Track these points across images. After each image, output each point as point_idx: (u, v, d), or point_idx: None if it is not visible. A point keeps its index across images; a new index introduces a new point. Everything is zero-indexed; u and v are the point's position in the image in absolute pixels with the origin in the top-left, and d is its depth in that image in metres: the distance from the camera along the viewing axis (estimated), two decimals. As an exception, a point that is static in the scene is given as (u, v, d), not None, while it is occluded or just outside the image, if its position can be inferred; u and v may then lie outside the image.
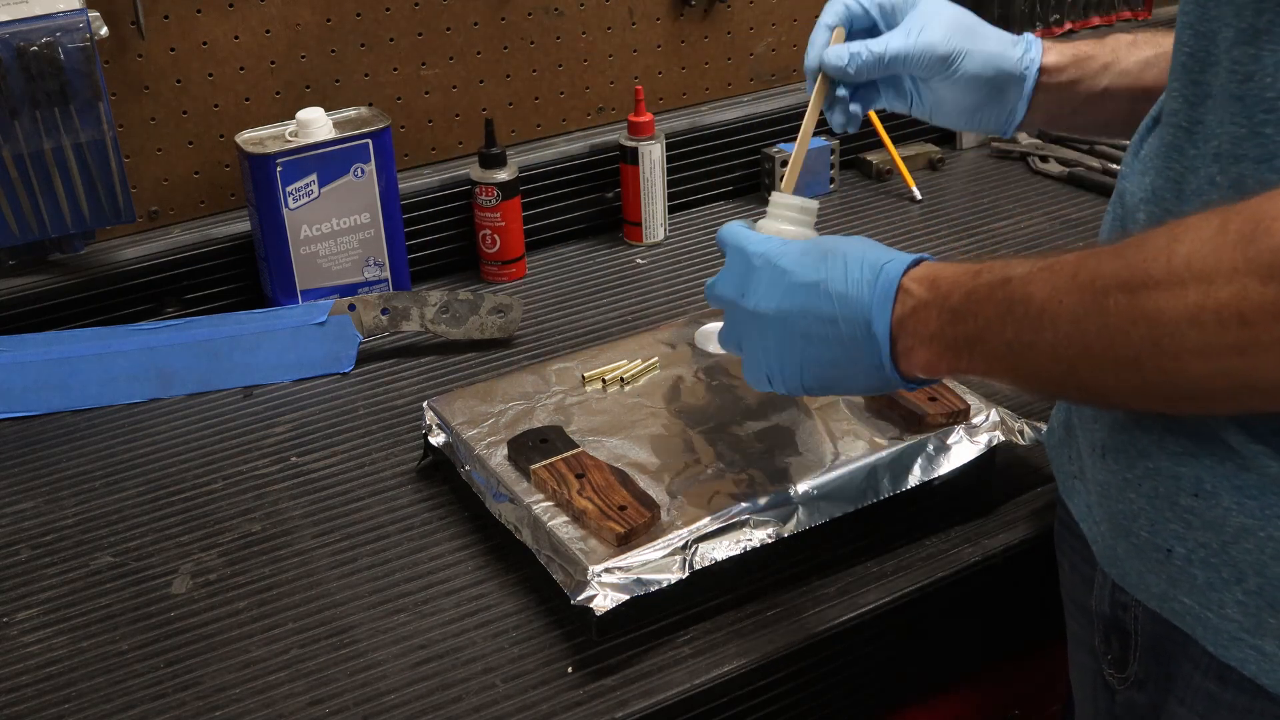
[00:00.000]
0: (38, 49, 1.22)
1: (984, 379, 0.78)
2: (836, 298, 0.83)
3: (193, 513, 1.12)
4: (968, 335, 0.76)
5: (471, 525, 1.08)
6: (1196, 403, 0.69)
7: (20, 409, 1.28)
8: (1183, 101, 0.72)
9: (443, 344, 1.36)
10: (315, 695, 0.92)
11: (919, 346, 0.79)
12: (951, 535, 1.05)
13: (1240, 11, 0.66)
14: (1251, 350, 0.62)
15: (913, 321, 0.80)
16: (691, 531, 0.95)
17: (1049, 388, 0.78)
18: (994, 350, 0.74)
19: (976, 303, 0.75)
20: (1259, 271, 0.60)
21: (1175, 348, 0.64)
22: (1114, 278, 0.66)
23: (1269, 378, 0.62)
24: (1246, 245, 0.61)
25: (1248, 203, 0.62)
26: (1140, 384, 0.68)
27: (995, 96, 1.02)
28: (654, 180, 1.54)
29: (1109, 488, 0.80)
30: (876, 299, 0.81)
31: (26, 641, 0.98)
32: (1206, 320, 0.62)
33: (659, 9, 1.62)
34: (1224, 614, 0.73)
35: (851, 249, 0.85)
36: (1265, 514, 0.70)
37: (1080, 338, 0.68)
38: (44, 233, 1.31)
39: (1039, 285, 0.71)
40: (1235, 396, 0.66)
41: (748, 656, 0.94)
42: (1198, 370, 0.64)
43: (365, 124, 1.39)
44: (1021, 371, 0.74)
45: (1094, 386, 0.71)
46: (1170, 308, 0.63)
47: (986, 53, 1.01)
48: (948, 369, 0.79)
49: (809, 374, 0.86)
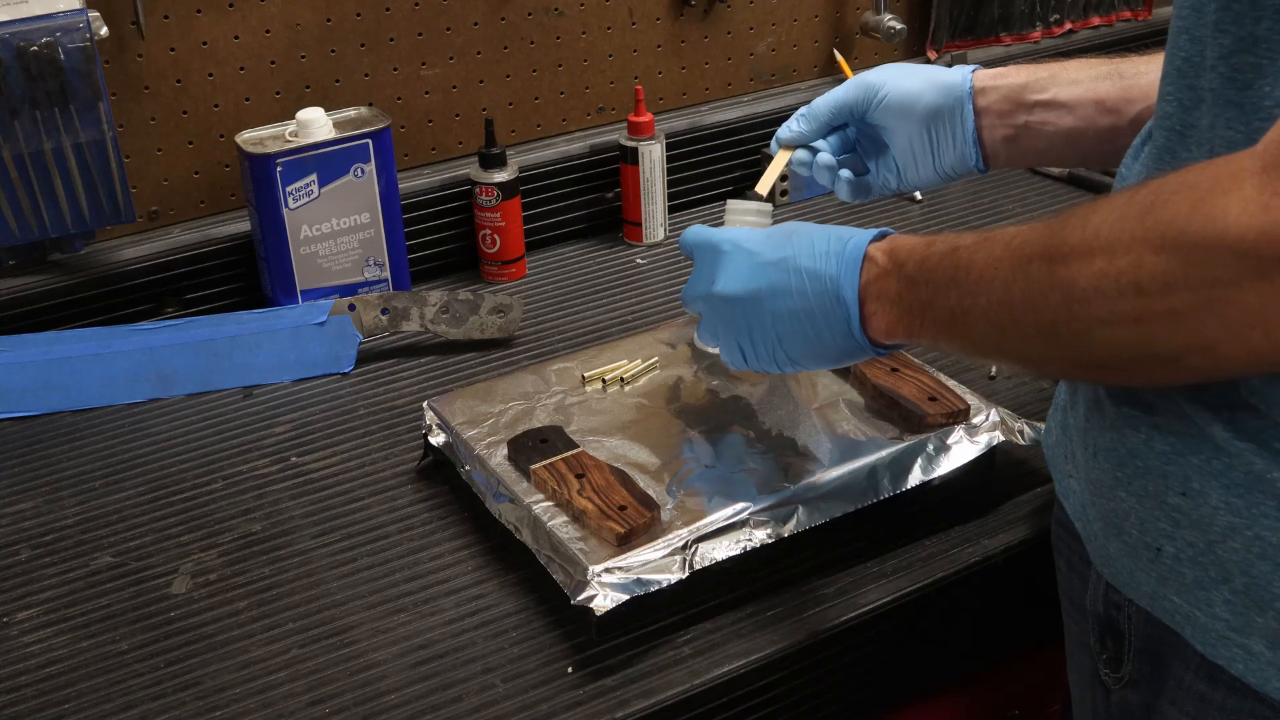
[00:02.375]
0: (38, 49, 1.22)
1: (934, 344, 0.82)
2: (806, 272, 0.87)
3: (193, 513, 1.12)
4: (920, 301, 0.80)
5: (471, 525, 1.08)
6: (1109, 371, 0.72)
7: (20, 409, 1.28)
8: (1176, 105, 0.72)
9: (443, 344, 1.36)
10: (315, 695, 0.92)
11: (881, 310, 0.84)
12: (951, 535, 1.05)
13: (1239, 19, 0.65)
14: (1146, 319, 0.64)
15: (875, 286, 0.84)
16: (691, 531, 0.95)
17: (987, 352, 0.82)
18: (940, 315, 0.78)
19: (929, 270, 0.79)
20: (1152, 242, 0.62)
21: (1085, 315, 0.67)
22: (1038, 246, 0.70)
23: (1167, 346, 0.65)
24: (1145, 215, 0.63)
25: (1158, 179, 0.65)
26: (1059, 351, 0.71)
27: (940, 118, 1.03)
28: (654, 180, 1.54)
29: (1100, 486, 0.80)
30: (844, 267, 0.85)
31: (26, 641, 0.98)
32: (1108, 289, 0.65)
33: (659, 9, 1.62)
34: (1212, 613, 0.73)
35: (816, 228, 0.89)
36: (1252, 513, 0.70)
37: (1008, 304, 0.72)
38: (44, 233, 1.31)
39: (980, 253, 0.75)
40: (1143, 365, 0.68)
41: (748, 656, 0.94)
42: (1104, 338, 0.67)
43: (365, 124, 1.39)
44: (962, 336, 0.78)
45: (1022, 352, 0.75)
46: (1080, 276, 0.66)
47: (920, 74, 1.04)
48: (905, 333, 0.83)
49: (783, 348, 0.90)
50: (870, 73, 1.06)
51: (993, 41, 1.83)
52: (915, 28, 1.77)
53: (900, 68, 1.05)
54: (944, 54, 1.80)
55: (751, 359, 0.93)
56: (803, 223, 0.91)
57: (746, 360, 0.93)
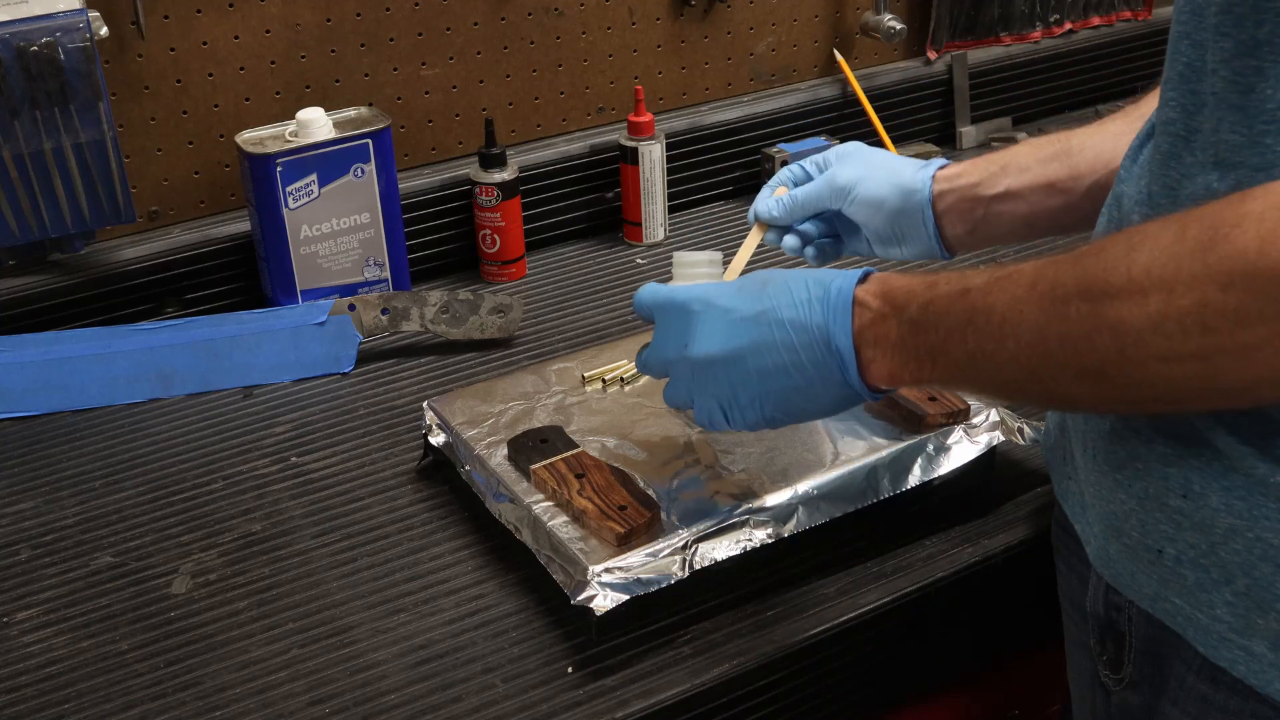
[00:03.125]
0: (38, 49, 1.22)
1: (946, 387, 0.79)
2: (790, 324, 0.83)
3: (193, 513, 1.12)
4: (930, 346, 0.77)
5: (471, 525, 1.08)
6: (1161, 404, 0.70)
7: (20, 409, 1.28)
8: (1180, 110, 0.72)
9: (443, 344, 1.36)
10: (315, 695, 0.92)
11: (881, 357, 0.80)
12: (951, 535, 1.05)
13: (1240, 22, 0.65)
14: (1214, 356, 0.63)
15: (871, 332, 0.80)
16: (691, 531, 0.95)
17: (1013, 395, 0.79)
18: (956, 360, 0.75)
19: (936, 314, 0.76)
20: (1218, 279, 0.61)
21: (1140, 355, 0.65)
22: (1074, 286, 0.68)
23: (1231, 380, 0.64)
24: (1205, 253, 0.62)
25: (1204, 208, 0.64)
26: (1105, 389, 0.69)
27: (905, 217, 1.04)
28: (654, 180, 1.54)
29: (1100, 489, 0.80)
30: (832, 314, 0.82)
31: (26, 641, 0.98)
32: (1169, 328, 0.63)
33: (659, 9, 1.62)
34: (1214, 615, 0.73)
35: (790, 274, 0.86)
36: (1253, 515, 0.70)
37: (1043, 346, 0.69)
38: (44, 233, 1.31)
39: (999, 295, 0.72)
40: (1200, 397, 0.67)
41: (748, 656, 0.94)
42: (1162, 375, 0.65)
43: (365, 124, 1.39)
44: (984, 380, 0.76)
45: (1058, 393, 0.73)
46: (1132, 316, 0.64)
47: (886, 175, 1.04)
48: (911, 378, 0.80)
49: (769, 406, 0.86)
50: (840, 171, 1.05)
51: (993, 41, 1.83)
52: (915, 28, 1.77)
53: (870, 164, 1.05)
54: (944, 54, 1.80)
55: (736, 419, 0.89)
56: (774, 270, 0.88)
57: (729, 421, 0.89)
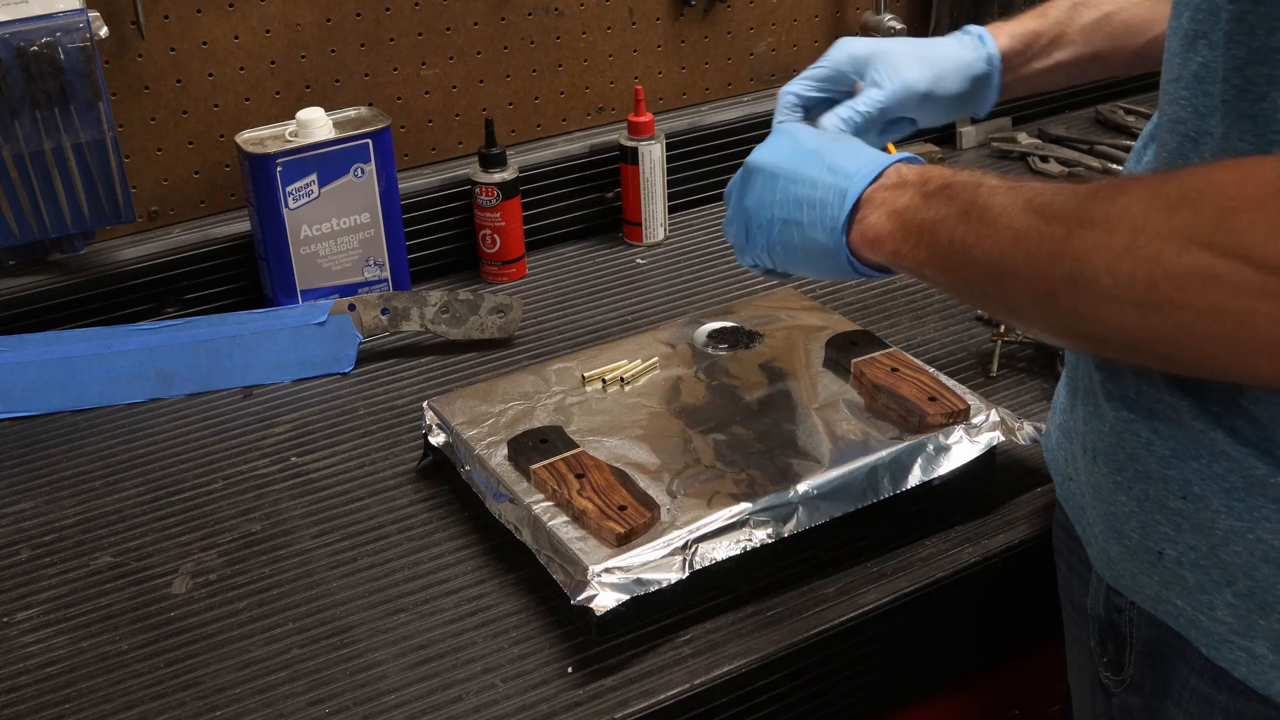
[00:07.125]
0: (38, 49, 1.22)
1: (918, 270, 0.80)
2: (829, 165, 0.86)
3: (193, 513, 1.12)
4: (923, 222, 0.78)
5: (471, 525, 1.08)
6: (1100, 346, 0.72)
7: (20, 409, 1.28)
8: (1191, 110, 0.71)
9: (443, 344, 1.36)
10: (315, 695, 0.92)
11: (875, 217, 0.82)
12: (951, 535, 1.05)
13: (1252, 31, 0.65)
14: (1151, 312, 0.63)
15: (884, 194, 0.82)
16: (691, 531, 0.95)
17: (973, 296, 0.80)
18: (938, 244, 0.77)
19: (946, 195, 0.78)
20: (1176, 239, 0.62)
21: (1089, 290, 0.66)
22: (1061, 209, 0.69)
23: (1168, 346, 0.65)
24: (1171, 212, 0.63)
25: (1184, 170, 0.65)
26: (1052, 316, 0.70)
27: (970, 100, 1.05)
28: (654, 180, 1.54)
29: (1101, 490, 0.80)
30: (863, 170, 0.84)
31: (26, 641, 0.98)
32: (1122, 271, 0.64)
33: (659, 9, 1.62)
34: (1215, 616, 0.73)
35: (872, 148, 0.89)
36: (1253, 516, 0.70)
37: (1011, 257, 0.71)
38: (44, 233, 1.31)
39: (1001, 198, 0.73)
40: (1132, 350, 0.68)
41: (748, 656, 0.94)
42: (1104, 316, 0.66)
43: (365, 124, 1.39)
44: (954, 272, 0.77)
45: (1014, 308, 0.74)
46: (1095, 250, 0.65)
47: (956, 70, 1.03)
48: (891, 249, 0.81)
49: (775, 232, 0.89)
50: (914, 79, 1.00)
51: (993, 41, 1.83)
52: (915, 28, 1.77)
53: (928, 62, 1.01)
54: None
55: (755, 234, 0.91)
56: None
57: (749, 236, 0.92)
